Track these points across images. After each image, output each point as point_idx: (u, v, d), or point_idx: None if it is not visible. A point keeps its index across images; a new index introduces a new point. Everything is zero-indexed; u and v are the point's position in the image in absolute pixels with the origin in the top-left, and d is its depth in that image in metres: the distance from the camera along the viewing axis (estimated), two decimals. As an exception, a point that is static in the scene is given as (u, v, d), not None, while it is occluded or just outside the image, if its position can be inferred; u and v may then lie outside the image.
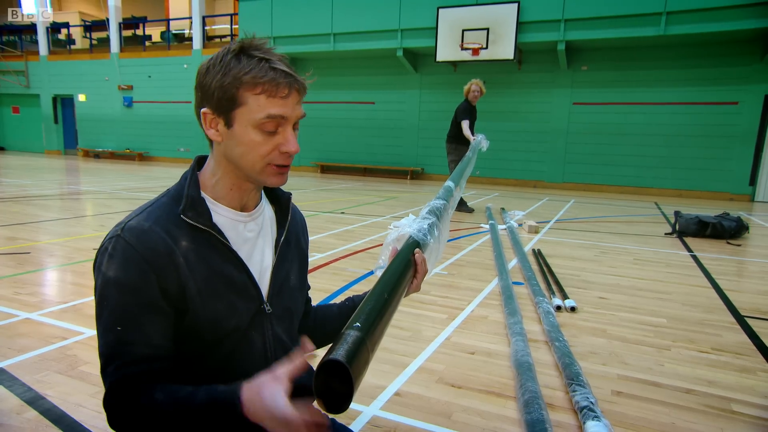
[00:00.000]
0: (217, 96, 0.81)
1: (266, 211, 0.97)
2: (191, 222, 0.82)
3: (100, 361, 0.80)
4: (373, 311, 0.76)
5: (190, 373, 0.86)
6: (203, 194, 0.87)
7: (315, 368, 0.63)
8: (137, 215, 0.82)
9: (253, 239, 0.91)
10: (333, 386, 0.64)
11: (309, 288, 1.14)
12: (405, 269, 0.95)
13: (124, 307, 0.77)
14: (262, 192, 0.98)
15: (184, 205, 0.83)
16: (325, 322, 1.12)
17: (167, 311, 0.81)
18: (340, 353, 0.63)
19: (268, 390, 0.68)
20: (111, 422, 0.79)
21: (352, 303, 1.12)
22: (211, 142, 0.87)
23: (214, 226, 0.84)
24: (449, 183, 1.61)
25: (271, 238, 0.96)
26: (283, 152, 0.83)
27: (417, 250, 1.02)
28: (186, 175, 0.88)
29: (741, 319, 2.71)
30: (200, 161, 0.92)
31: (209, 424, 0.73)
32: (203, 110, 0.84)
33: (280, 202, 1.00)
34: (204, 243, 0.83)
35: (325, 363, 0.62)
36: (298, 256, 1.02)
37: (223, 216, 0.88)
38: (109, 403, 0.78)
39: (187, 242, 0.82)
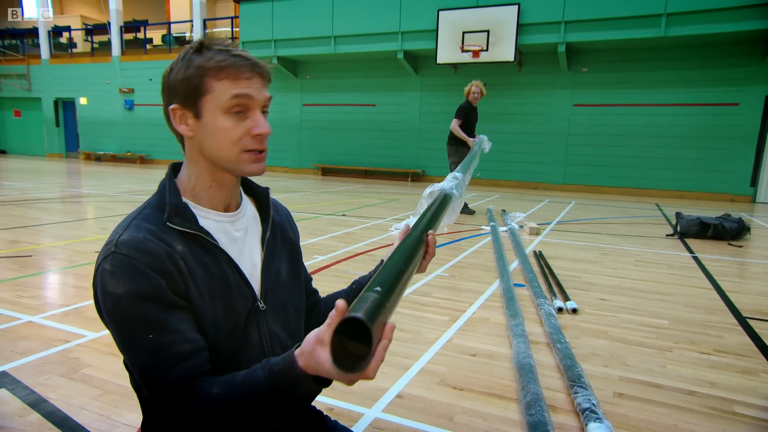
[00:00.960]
0: (183, 89, 0.82)
1: (249, 209, 0.97)
2: (179, 228, 0.83)
3: (142, 378, 0.78)
4: (391, 277, 0.76)
5: None
6: (185, 200, 0.87)
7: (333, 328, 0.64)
8: (125, 229, 0.81)
9: (241, 238, 0.92)
10: (347, 346, 0.65)
11: (311, 279, 1.14)
12: (417, 246, 0.96)
13: (147, 314, 0.76)
14: (242, 191, 0.98)
15: (168, 212, 0.83)
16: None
17: (186, 306, 0.81)
18: (361, 312, 0.62)
19: (321, 354, 0.67)
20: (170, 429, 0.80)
21: (359, 285, 1.12)
22: (183, 142, 0.88)
23: (202, 229, 0.85)
24: (457, 173, 1.69)
25: (258, 236, 0.97)
26: (254, 135, 0.83)
27: (430, 231, 1.02)
28: (164, 183, 0.88)
29: (743, 321, 2.71)
30: (175, 168, 0.92)
31: (274, 399, 0.73)
32: (171, 107, 0.84)
33: (260, 198, 1.01)
34: (196, 247, 0.84)
35: (346, 320, 0.62)
36: (286, 249, 1.02)
37: (208, 219, 0.88)
38: (169, 412, 0.78)
39: (181, 246, 0.82)
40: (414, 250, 0.93)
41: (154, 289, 0.77)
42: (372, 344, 0.63)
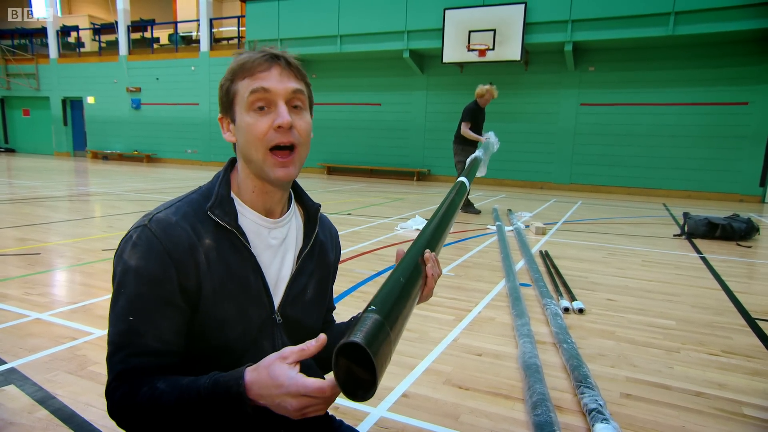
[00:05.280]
0: (220, 97, 0.86)
1: (294, 220, 0.96)
2: (217, 220, 0.83)
3: (108, 348, 0.80)
4: (388, 292, 0.73)
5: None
6: (233, 195, 0.88)
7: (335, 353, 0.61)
8: (166, 208, 0.83)
9: (275, 247, 0.91)
10: (355, 372, 0.62)
11: (333, 309, 1.12)
12: (415, 264, 0.90)
13: (141, 297, 0.77)
14: (293, 201, 0.97)
15: (213, 202, 0.84)
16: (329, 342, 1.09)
17: (182, 308, 0.80)
18: (358, 335, 0.60)
19: (278, 368, 0.67)
20: (111, 411, 0.79)
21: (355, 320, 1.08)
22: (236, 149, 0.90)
23: (239, 227, 0.85)
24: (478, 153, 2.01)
25: (295, 249, 0.94)
26: (276, 127, 0.81)
27: (427, 250, 0.96)
28: (219, 174, 0.90)
29: (752, 322, 2.68)
30: (234, 162, 0.93)
31: (212, 411, 0.71)
32: (219, 117, 0.88)
33: (309, 212, 0.99)
34: (226, 243, 0.84)
35: (343, 346, 0.59)
36: (320, 269, 0.99)
37: (249, 219, 0.88)
38: (111, 393, 0.77)
39: (210, 240, 0.82)
40: (411, 268, 0.86)
41: (162, 276, 0.78)
42: (377, 372, 0.59)
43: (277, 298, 0.90)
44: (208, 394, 0.71)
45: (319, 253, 0.99)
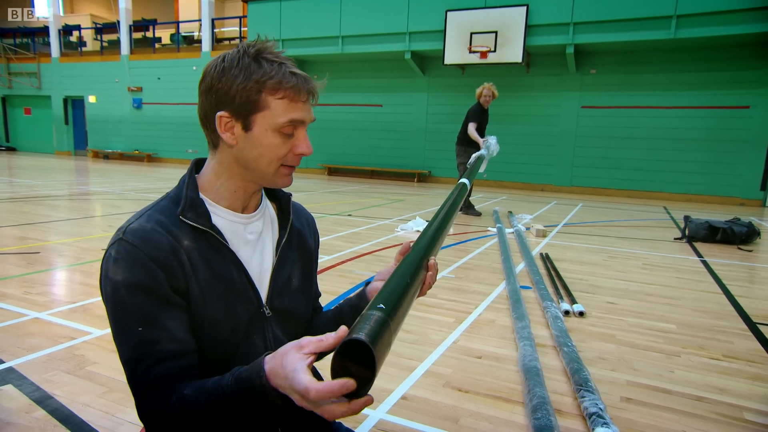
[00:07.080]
0: (239, 100, 0.80)
1: (268, 212, 0.96)
2: (191, 223, 0.82)
3: (126, 370, 0.78)
4: (395, 293, 0.72)
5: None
6: (202, 196, 0.87)
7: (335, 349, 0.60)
8: (137, 218, 0.81)
9: (253, 241, 0.91)
10: (350, 369, 0.60)
11: (319, 295, 1.11)
12: (419, 267, 0.88)
13: (141, 306, 0.76)
14: (263, 193, 0.97)
15: (183, 206, 0.83)
16: (318, 330, 1.06)
17: (182, 305, 0.80)
18: (363, 333, 0.58)
19: (290, 357, 0.64)
20: (149, 429, 0.78)
21: (339, 311, 1.05)
22: (214, 145, 0.86)
23: (214, 227, 0.84)
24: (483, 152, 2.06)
25: (272, 240, 0.95)
26: (296, 154, 0.85)
27: (432, 258, 0.94)
28: (184, 178, 0.88)
29: (753, 326, 2.67)
30: (198, 164, 0.92)
31: (240, 408, 0.70)
32: (219, 114, 0.82)
33: (281, 203, 0.99)
34: (204, 244, 0.83)
35: (347, 342, 0.58)
36: (301, 257, 1.00)
37: (222, 218, 0.87)
38: (144, 409, 0.76)
39: (189, 242, 0.81)
40: (416, 270, 0.85)
41: (152, 282, 0.76)
42: (376, 369, 0.58)
43: (263, 292, 0.90)
44: (233, 391, 0.69)
45: (298, 241, 1.00)
